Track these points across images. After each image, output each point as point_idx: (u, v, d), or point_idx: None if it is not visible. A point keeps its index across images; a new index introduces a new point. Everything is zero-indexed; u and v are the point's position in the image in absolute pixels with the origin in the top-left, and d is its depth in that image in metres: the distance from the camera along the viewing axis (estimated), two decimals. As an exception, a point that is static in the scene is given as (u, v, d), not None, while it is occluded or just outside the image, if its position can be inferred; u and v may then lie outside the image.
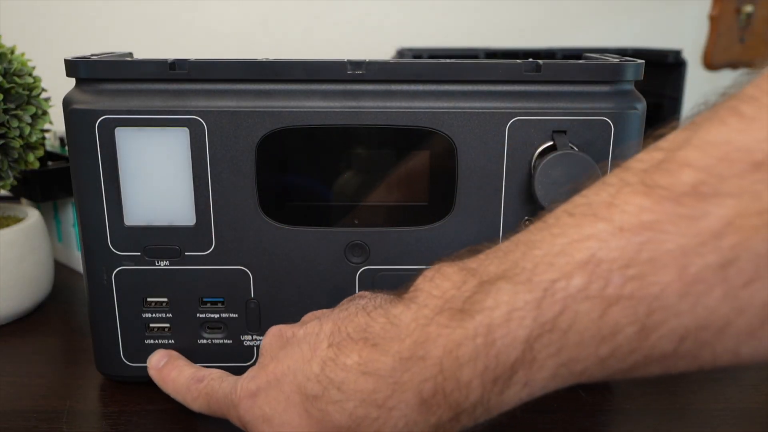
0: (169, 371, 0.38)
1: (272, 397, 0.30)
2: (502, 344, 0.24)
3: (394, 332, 0.27)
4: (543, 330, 0.24)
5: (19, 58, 0.48)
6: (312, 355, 0.29)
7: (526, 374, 0.25)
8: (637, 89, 0.37)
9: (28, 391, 0.41)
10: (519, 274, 0.25)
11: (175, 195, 0.37)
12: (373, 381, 0.27)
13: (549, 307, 0.24)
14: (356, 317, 0.29)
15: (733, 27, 0.87)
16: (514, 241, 0.27)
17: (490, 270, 0.26)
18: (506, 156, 0.37)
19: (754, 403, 0.40)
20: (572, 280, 0.23)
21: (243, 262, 0.38)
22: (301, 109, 0.36)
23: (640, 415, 0.39)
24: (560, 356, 0.24)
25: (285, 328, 0.33)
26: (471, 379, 0.25)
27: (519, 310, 0.24)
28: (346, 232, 0.38)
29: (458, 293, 0.26)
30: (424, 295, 0.27)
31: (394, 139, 0.38)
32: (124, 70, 0.36)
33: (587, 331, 0.23)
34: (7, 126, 0.47)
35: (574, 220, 0.24)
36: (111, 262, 0.38)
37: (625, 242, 0.23)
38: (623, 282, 0.22)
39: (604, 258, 0.23)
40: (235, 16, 0.83)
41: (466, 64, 0.36)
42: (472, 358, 0.25)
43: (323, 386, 0.28)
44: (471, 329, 0.25)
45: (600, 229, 0.23)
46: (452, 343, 0.25)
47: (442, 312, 0.26)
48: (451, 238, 0.38)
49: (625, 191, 0.24)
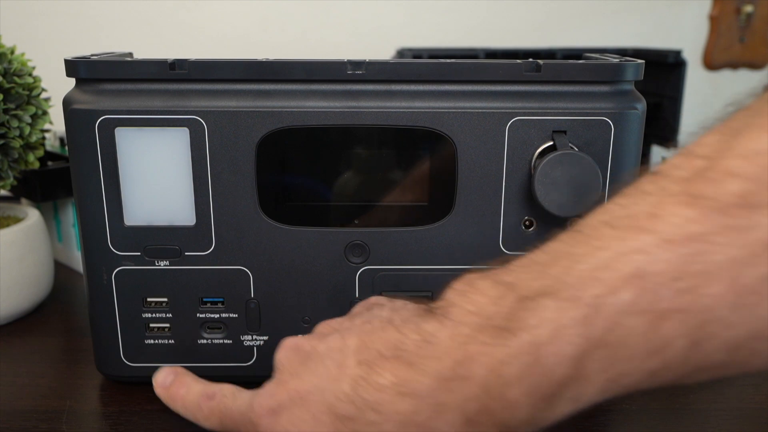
0: (177, 389, 0.37)
1: (297, 416, 0.29)
2: (550, 362, 0.24)
3: (431, 351, 0.26)
4: (592, 346, 0.23)
5: (19, 58, 0.48)
6: (340, 373, 0.28)
7: (576, 390, 0.24)
8: (637, 89, 0.37)
9: (28, 391, 0.41)
10: (562, 290, 0.24)
11: (175, 195, 0.37)
12: (413, 402, 0.26)
13: (598, 323, 0.23)
14: (384, 332, 0.28)
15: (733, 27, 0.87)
16: (551, 254, 0.26)
17: (531, 285, 0.25)
18: (506, 156, 0.37)
19: (754, 403, 0.40)
20: (620, 295, 0.23)
21: (243, 262, 0.38)
22: (301, 109, 0.36)
23: (640, 415, 0.39)
24: (610, 371, 0.24)
25: (302, 342, 0.32)
26: (518, 397, 0.24)
27: (566, 327, 0.23)
28: (346, 232, 0.38)
29: (497, 310, 0.25)
30: (459, 311, 0.26)
31: (394, 139, 0.38)
32: (124, 70, 0.36)
33: (637, 346, 0.23)
34: (7, 126, 0.47)
35: (617, 232, 0.24)
36: (111, 262, 0.38)
37: (673, 255, 0.22)
38: (673, 295, 0.22)
39: (651, 271, 0.22)
40: (234, 16, 0.83)
41: (466, 64, 0.36)
42: (519, 377, 0.24)
43: (357, 407, 0.27)
44: (515, 347, 0.24)
45: (645, 242, 0.23)
46: (496, 361, 0.24)
47: (482, 330, 0.25)
48: (451, 238, 0.38)
49: (668, 201, 0.23)
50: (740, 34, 0.87)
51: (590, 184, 0.35)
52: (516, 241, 0.38)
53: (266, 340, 0.40)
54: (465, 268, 0.38)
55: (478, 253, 0.38)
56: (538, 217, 0.38)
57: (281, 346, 0.33)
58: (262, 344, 0.40)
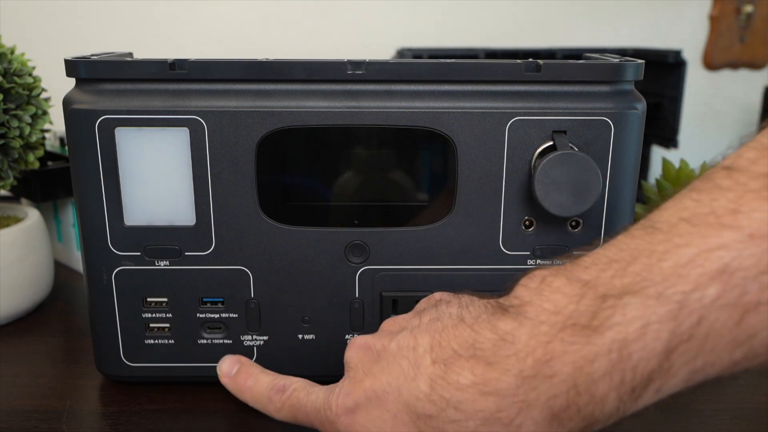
0: (244, 380, 0.37)
1: (376, 415, 0.29)
2: (638, 357, 0.24)
3: (511, 349, 0.26)
4: (680, 341, 0.24)
5: (19, 58, 0.48)
6: (416, 373, 0.28)
7: (661, 382, 0.25)
8: (637, 89, 0.37)
9: (28, 391, 0.41)
10: (647, 287, 0.24)
11: (175, 195, 0.37)
12: (496, 400, 0.26)
13: (685, 319, 0.24)
14: (457, 330, 0.29)
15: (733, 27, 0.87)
16: (627, 251, 0.26)
17: (613, 283, 0.25)
18: (506, 156, 0.37)
19: (753, 403, 0.40)
20: (707, 291, 0.23)
21: (243, 262, 0.38)
22: (301, 109, 0.36)
23: (640, 415, 0.39)
24: (695, 363, 0.24)
25: (371, 341, 0.32)
26: (606, 392, 0.25)
27: (654, 324, 0.24)
28: (346, 232, 0.38)
29: (578, 308, 0.26)
30: (536, 309, 0.27)
31: (394, 139, 0.38)
32: (124, 70, 0.36)
33: (723, 338, 0.24)
34: (7, 126, 0.47)
35: (698, 229, 0.24)
36: (111, 262, 0.38)
37: (758, 249, 0.23)
38: (761, 289, 0.23)
39: (738, 267, 0.23)
40: (235, 16, 0.83)
41: (466, 64, 0.36)
42: (607, 372, 0.25)
43: (438, 406, 0.27)
44: (602, 345, 0.25)
45: (729, 238, 0.23)
46: (583, 359, 0.25)
47: (564, 329, 0.26)
48: (451, 238, 0.38)
49: (748, 197, 0.24)
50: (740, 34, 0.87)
51: (590, 184, 0.35)
52: (516, 241, 0.38)
53: (266, 340, 0.40)
54: (465, 268, 0.39)
55: (478, 253, 0.38)
56: (538, 217, 0.38)
57: (351, 344, 0.33)
58: (262, 344, 0.40)
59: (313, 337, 0.40)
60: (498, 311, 0.28)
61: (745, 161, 0.25)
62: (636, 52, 0.74)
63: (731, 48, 0.88)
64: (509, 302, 0.28)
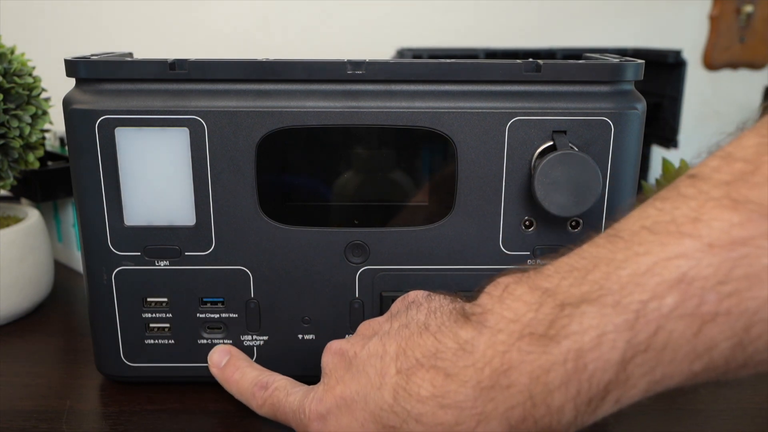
0: (231, 372, 0.38)
1: (344, 422, 0.30)
2: (594, 368, 0.24)
3: (469, 360, 0.26)
4: (637, 351, 0.23)
5: (19, 58, 0.48)
6: (381, 382, 0.29)
7: (619, 393, 0.24)
8: (637, 89, 0.37)
9: (28, 391, 0.41)
10: (605, 296, 0.24)
11: (175, 195, 0.37)
12: (455, 413, 0.26)
13: (642, 328, 0.23)
14: (421, 338, 0.29)
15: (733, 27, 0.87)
16: (589, 258, 0.26)
17: (571, 292, 0.25)
18: (506, 156, 0.37)
19: (754, 403, 0.40)
20: (665, 300, 0.23)
21: (243, 262, 0.38)
22: (301, 109, 0.36)
23: (640, 415, 0.39)
24: (654, 374, 0.24)
25: (346, 347, 0.33)
26: (563, 403, 0.25)
27: (610, 333, 0.24)
28: (346, 232, 0.38)
29: (537, 316, 0.25)
30: (496, 317, 0.26)
31: (394, 139, 0.38)
32: (124, 70, 0.36)
33: (681, 349, 0.23)
34: (7, 126, 0.47)
35: (659, 237, 0.24)
36: (111, 262, 0.38)
37: (717, 259, 0.22)
38: (719, 299, 0.22)
39: (696, 276, 0.23)
40: (235, 16, 0.83)
41: (466, 64, 0.36)
42: (563, 383, 0.24)
43: (400, 418, 0.27)
44: (558, 354, 0.24)
45: (688, 247, 0.23)
46: (539, 369, 0.25)
47: (521, 337, 0.25)
48: (451, 238, 0.38)
49: (710, 206, 0.23)
50: (740, 34, 0.87)
51: (590, 184, 0.35)
52: (516, 241, 0.38)
53: (266, 340, 0.40)
54: (465, 268, 0.39)
55: (478, 253, 0.38)
56: (538, 217, 0.38)
57: (327, 349, 0.34)
58: (262, 344, 0.40)
59: (313, 337, 0.40)
60: (461, 319, 0.28)
61: (708, 169, 0.24)
62: (636, 52, 0.74)
63: (731, 48, 0.88)
64: (472, 310, 0.28)
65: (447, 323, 0.29)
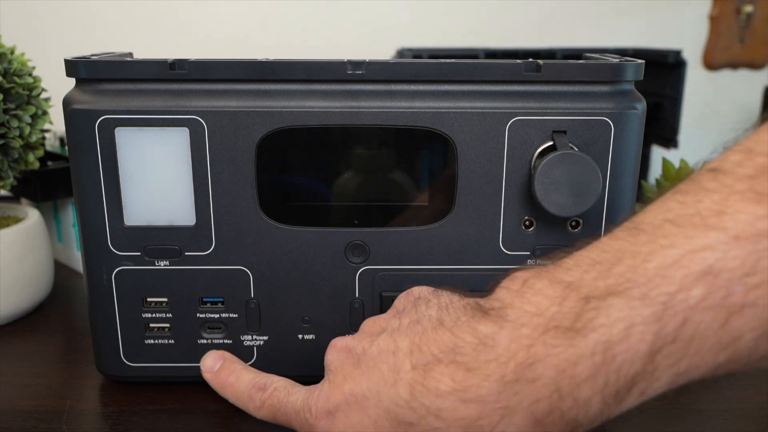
0: (226, 376, 0.37)
1: (356, 420, 0.29)
2: (622, 360, 0.24)
3: (491, 354, 0.26)
4: (665, 342, 0.24)
5: (19, 58, 0.48)
6: (395, 378, 0.28)
7: (645, 385, 0.25)
8: (637, 89, 0.37)
9: (28, 391, 0.41)
10: (632, 288, 0.24)
11: (175, 195, 0.37)
12: (477, 408, 0.26)
13: (670, 320, 0.23)
14: (437, 334, 0.28)
15: (733, 27, 0.87)
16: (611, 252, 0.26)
17: (595, 284, 0.25)
18: (506, 156, 0.37)
19: (754, 403, 0.40)
20: (692, 292, 0.23)
21: (243, 262, 0.38)
22: (301, 109, 0.36)
23: (640, 415, 0.39)
24: (680, 365, 0.24)
25: (352, 343, 0.32)
26: (590, 396, 0.25)
27: (638, 325, 0.24)
28: (346, 232, 0.38)
29: (561, 310, 0.25)
30: (517, 311, 0.26)
31: (394, 139, 0.38)
32: (124, 70, 0.36)
33: (708, 341, 0.23)
34: (7, 126, 0.47)
35: (683, 230, 0.24)
36: (111, 262, 0.38)
37: (743, 251, 0.23)
38: (746, 291, 0.23)
39: (723, 268, 0.23)
40: (235, 16, 0.83)
41: (466, 64, 0.36)
42: (591, 375, 0.24)
43: (418, 414, 0.27)
44: (585, 347, 0.24)
45: (714, 239, 0.23)
46: (566, 362, 0.25)
47: (547, 331, 0.25)
48: (451, 238, 0.38)
49: (734, 198, 0.23)
50: (740, 34, 0.87)
51: (590, 184, 0.35)
52: (516, 241, 0.38)
53: (266, 340, 0.40)
54: (465, 268, 0.39)
55: (478, 253, 0.38)
56: (538, 217, 0.38)
57: (331, 346, 0.33)
58: (262, 344, 0.40)
59: (313, 337, 0.40)
60: (478, 314, 0.28)
61: (730, 164, 0.24)
62: (636, 52, 0.74)
63: (731, 48, 0.88)
64: (489, 305, 0.28)
65: (463, 318, 0.28)
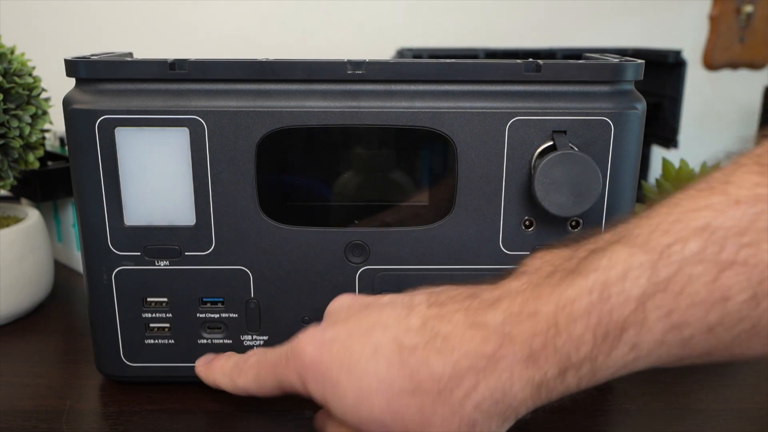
0: (216, 361, 0.38)
1: (355, 346, 0.29)
2: (616, 301, 0.25)
3: (504, 293, 0.28)
4: (656, 290, 0.25)
5: (19, 58, 0.48)
6: (409, 313, 0.29)
7: (636, 334, 0.26)
8: (637, 89, 0.37)
9: (28, 391, 0.41)
10: (635, 237, 0.26)
11: (175, 195, 0.37)
12: (482, 333, 0.27)
13: (664, 268, 0.25)
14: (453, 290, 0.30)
15: (733, 27, 0.87)
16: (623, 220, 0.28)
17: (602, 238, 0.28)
18: (506, 156, 0.37)
19: (754, 403, 0.40)
20: (688, 244, 0.25)
21: (243, 262, 0.38)
22: (301, 109, 0.36)
23: (640, 415, 0.39)
24: (670, 318, 0.25)
25: (360, 296, 0.33)
26: (583, 332, 0.26)
27: (634, 270, 0.25)
28: (346, 232, 0.38)
29: (569, 260, 0.28)
30: (531, 268, 0.29)
31: (394, 139, 0.38)
32: (124, 70, 0.36)
33: (698, 295, 0.24)
34: (7, 126, 0.47)
35: (688, 194, 0.26)
36: (111, 262, 0.38)
37: (741, 213, 0.24)
38: (738, 248, 0.24)
39: (719, 226, 0.24)
40: (234, 16, 0.83)
41: (466, 64, 0.36)
42: (587, 311, 0.26)
43: (425, 338, 0.28)
44: (584, 286, 0.26)
45: (716, 201, 0.25)
46: (565, 299, 0.26)
47: (553, 275, 0.28)
48: (451, 238, 0.38)
49: (740, 171, 0.25)
50: (740, 34, 0.87)
51: (590, 184, 0.35)
52: (516, 241, 0.38)
53: (266, 340, 0.40)
54: (465, 267, 0.39)
55: (478, 253, 0.38)
56: (538, 217, 0.38)
57: (335, 300, 0.34)
58: (262, 344, 0.40)
59: (313, 337, 0.40)
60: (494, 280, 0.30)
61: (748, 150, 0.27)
62: (636, 52, 0.74)
63: (731, 48, 0.88)
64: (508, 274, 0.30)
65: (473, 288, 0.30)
